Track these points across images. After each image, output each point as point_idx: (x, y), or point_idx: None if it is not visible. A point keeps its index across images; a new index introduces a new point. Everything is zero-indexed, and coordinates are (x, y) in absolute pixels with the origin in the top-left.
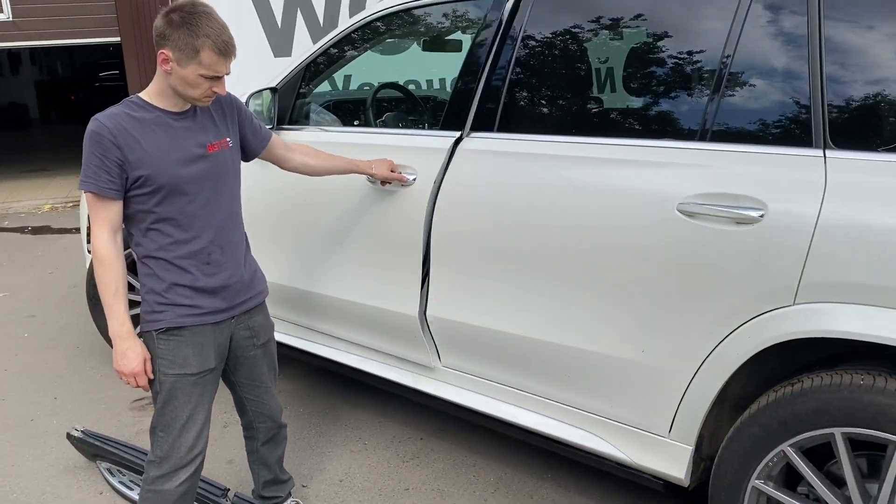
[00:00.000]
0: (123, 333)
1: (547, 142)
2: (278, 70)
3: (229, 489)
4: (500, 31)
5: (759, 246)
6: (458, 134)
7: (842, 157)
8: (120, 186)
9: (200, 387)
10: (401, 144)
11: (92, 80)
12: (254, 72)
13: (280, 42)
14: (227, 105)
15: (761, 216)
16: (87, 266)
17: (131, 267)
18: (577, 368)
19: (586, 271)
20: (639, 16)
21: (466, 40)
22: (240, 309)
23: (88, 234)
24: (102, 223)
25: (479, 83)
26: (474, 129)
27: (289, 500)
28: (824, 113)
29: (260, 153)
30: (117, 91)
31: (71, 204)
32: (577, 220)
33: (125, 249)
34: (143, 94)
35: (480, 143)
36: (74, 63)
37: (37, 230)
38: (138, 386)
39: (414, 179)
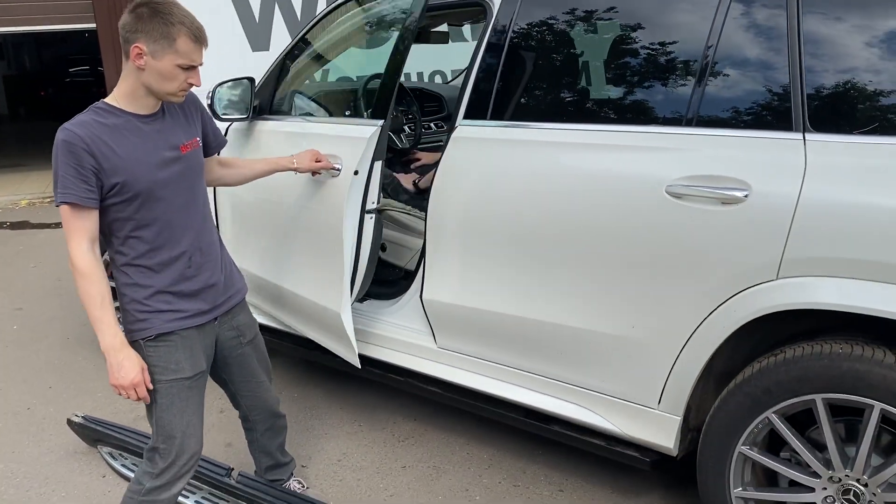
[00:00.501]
0: (117, 345)
1: (539, 129)
2: (256, 64)
3: (233, 468)
4: (491, 23)
5: (744, 225)
6: (380, 122)
7: (820, 140)
8: (97, 195)
9: (196, 390)
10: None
11: (62, 75)
12: (233, 65)
13: (258, 36)
14: (191, 104)
15: (746, 196)
16: None
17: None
18: (570, 346)
19: (578, 252)
20: (626, 8)
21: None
22: (221, 309)
23: None
24: (81, 235)
25: (470, 72)
26: (467, 117)
27: (291, 481)
28: (803, 99)
29: (212, 155)
30: (88, 86)
31: (48, 199)
32: (569, 203)
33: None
34: (110, 99)
35: (472, 131)
36: (43, 58)
37: (15, 225)
38: (139, 398)
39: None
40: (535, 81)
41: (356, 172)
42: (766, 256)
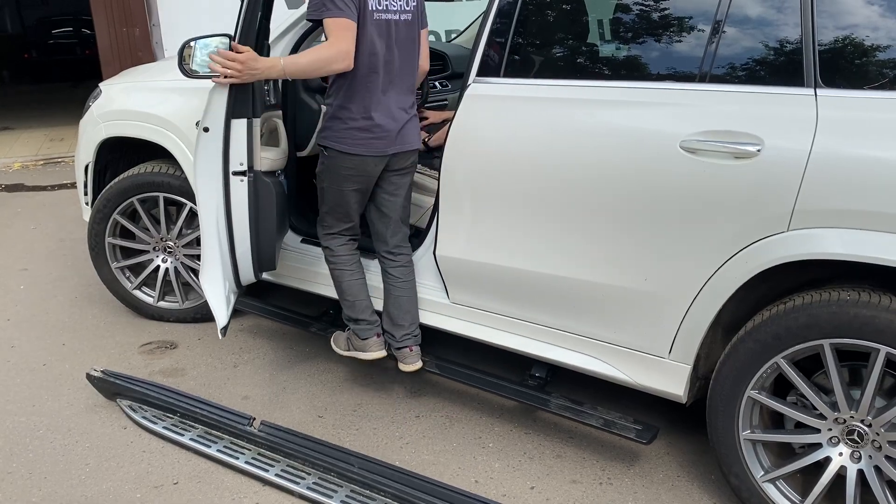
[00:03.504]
0: None
1: (553, 86)
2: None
3: (254, 418)
4: None
5: (756, 178)
6: None
7: (831, 95)
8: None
9: None
10: None
11: (45, 37)
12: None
13: None
14: None
15: (758, 151)
16: (88, 220)
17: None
18: (583, 299)
19: (592, 207)
20: None
21: None
22: None
23: (85, 188)
24: None
25: (483, 29)
26: (479, 74)
27: None
28: (815, 54)
29: None
30: (72, 48)
31: (41, 162)
32: (583, 158)
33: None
34: None
35: (486, 89)
36: (25, 21)
37: (10, 188)
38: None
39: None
40: (548, 38)
41: (206, 129)
42: (778, 209)
